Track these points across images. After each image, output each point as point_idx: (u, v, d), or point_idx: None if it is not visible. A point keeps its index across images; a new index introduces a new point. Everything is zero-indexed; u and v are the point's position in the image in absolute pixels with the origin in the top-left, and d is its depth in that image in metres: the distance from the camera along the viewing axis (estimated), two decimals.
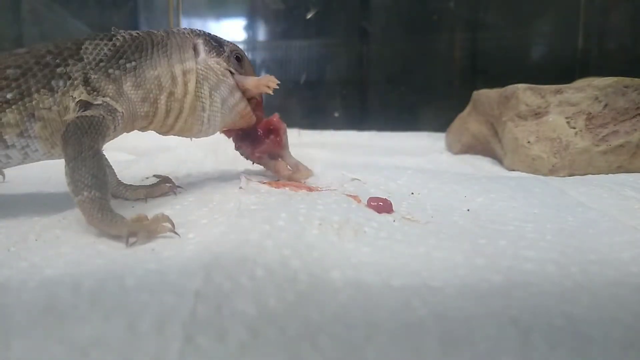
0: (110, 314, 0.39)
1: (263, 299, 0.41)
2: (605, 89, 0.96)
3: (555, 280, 0.46)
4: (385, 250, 0.52)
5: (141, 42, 0.69)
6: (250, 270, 0.45)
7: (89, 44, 0.65)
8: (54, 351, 0.35)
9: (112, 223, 0.55)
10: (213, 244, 0.50)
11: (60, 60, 0.63)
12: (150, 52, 0.69)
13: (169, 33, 0.72)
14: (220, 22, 1.93)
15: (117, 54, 0.66)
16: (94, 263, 0.49)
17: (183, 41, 0.72)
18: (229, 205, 0.66)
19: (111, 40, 0.67)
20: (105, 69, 0.65)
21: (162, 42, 0.70)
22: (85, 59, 0.64)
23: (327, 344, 0.36)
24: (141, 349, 0.35)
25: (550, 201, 0.72)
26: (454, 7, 1.74)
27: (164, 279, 0.43)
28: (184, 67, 0.70)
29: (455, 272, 0.47)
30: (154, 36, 0.71)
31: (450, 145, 1.35)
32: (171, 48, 0.70)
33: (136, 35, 0.70)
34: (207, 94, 0.71)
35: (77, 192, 0.56)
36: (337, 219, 0.59)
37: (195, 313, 0.39)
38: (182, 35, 0.73)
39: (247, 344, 0.36)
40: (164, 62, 0.69)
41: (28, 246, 0.55)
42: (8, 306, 0.40)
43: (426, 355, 0.35)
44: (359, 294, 0.43)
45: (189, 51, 0.72)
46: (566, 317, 0.39)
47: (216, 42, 0.75)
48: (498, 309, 0.40)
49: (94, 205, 0.55)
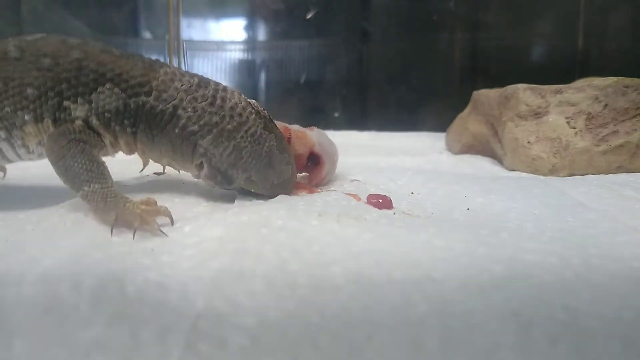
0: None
1: (263, 312, 0.40)
2: (606, 89, 0.96)
3: (556, 271, 0.45)
4: (386, 237, 0.52)
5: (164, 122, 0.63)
6: (250, 285, 0.44)
7: (107, 89, 0.61)
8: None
9: (118, 208, 0.55)
10: (211, 258, 0.49)
11: (72, 93, 0.61)
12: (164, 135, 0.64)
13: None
14: (220, 22, 1.93)
15: (126, 113, 0.63)
16: (91, 258, 0.49)
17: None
18: (229, 204, 0.66)
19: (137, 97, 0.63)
20: (107, 120, 0.63)
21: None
22: (94, 102, 0.61)
23: (327, 345, 0.36)
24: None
25: (550, 201, 0.72)
26: (454, 7, 1.74)
27: (164, 297, 0.43)
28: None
29: (456, 262, 0.47)
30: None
31: (450, 145, 1.34)
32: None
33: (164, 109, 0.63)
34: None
35: (77, 189, 0.56)
36: (337, 212, 0.59)
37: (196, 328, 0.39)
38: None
39: (248, 349, 0.36)
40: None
41: (25, 236, 0.55)
42: (6, 300, 0.41)
43: (427, 352, 0.35)
44: (359, 290, 0.42)
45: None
46: (567, 310, 0.39)
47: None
48: (499, 302, 0.40)
49: (96, 197, 0.56)
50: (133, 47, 1.83)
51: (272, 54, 1.86)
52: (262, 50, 1.88)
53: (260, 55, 1.88)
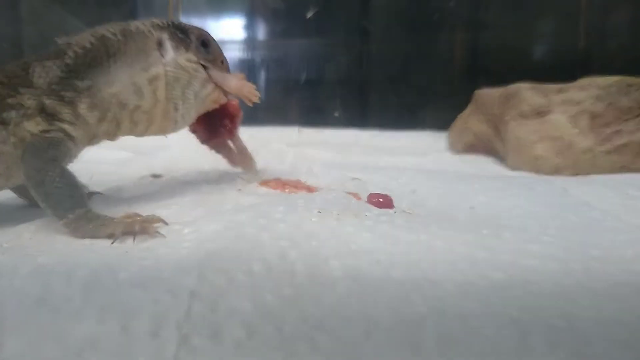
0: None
1: (260, 294, 0.40)
2: (609, 88, 0.96)
3: (556, 278, 0.45)
4: (386, 237, 0.51)
5: (95, 55, 0.61)
6: (247, 265, 0.44)
7: (38, 66, 0.59)
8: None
9: (104, 227, 0.53)
10: (208, 241, 0.49)
11: (10, 90, 0.58)
12: (107, 64, 0.61)
13: (127, 35, 0.63)
14: (219, 21, 1.93)
15: (70, 73, 0.59)
16: (87, 256, 0.48)
17: (144, 43, 0.63)
18: (227, 207, 0.65)
19: (61, 59, 0.60)
20: (57, 92, 0.59)
21: (119, 49, 0.62)
22: (35, 84, 0.58)
23: (324, 341, 0.36)
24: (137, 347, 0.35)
25: (553, 200, 0.71)
26: (455, 7, 1.74)
27: (159, 275, 0.43)
28: (150, 75, 0.62)
29: (456, 266, 0.46)
30: (109, 43, 0.62)
31: (452, 144, 1.34)
32: (131, 55, 0.62)
33: (89, 46, 0.61)
34: (180, 94, 0.64)
35: (60, 217, 0.54)
36: (337, 210, 0.58)
37: (190, 312, 0.38)
38: (142, 34, 0.63)
39: (243, 343, 0.35)
40: (124, 74, 0.61)
41: (22, 243, 0.54)
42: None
43: (424, 353, 0.35)
44: (357, 286, 0.42)
45: (153, 53, 0.63)
46: (566, 317, 0.38)
47: (182, 32, 0.66)
48: (498, 306, 0.40)
49: (81, 222, 0.54)
50: None
51: (272, 53, 1.86)
52: (262, 50, 1.88)
53: (260, 54, 1.88)
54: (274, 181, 0.79)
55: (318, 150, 1.22)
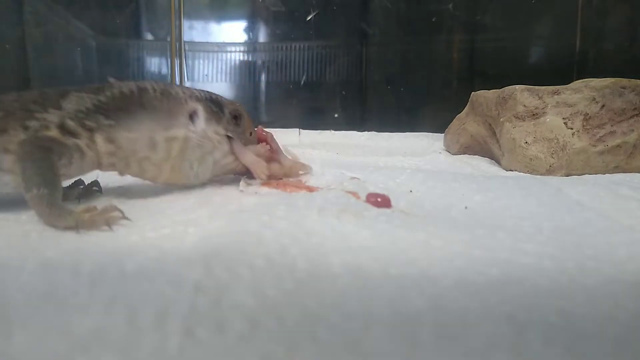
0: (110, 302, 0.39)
1: (262, 289, 0.41)
2: (603, 90, 0.97)
3: (551, 276, 0.46)
4: (384, 235, 0.53)
5: (128, 103, 0.66)
6: (250, 260, 0.45)
7: (74, 96, 0.64)
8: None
9: (60, 216, 0.56)
10: (213, 237, 0.51)
11: (40, 107, 0.62)
12: (134, 112, 0.66)
13: (165, 94, 0.68)
14: (221, 24, 1.94)
15: (99, 109, 0.64)
16: (94, 250, 0.50)
17: (177, 107, 0.68)
18: (230, 207, 0.66)
19: (97, 94, 0.65)
20: (80, 119, 0.63)
21: (151, 104, 0.67)
22: (64, 108, 0.63)
23: (324, 334, 0.37)
24: (142, 339, 0.36)
25: (547, 200, 0.72)
26: (453, 9, 1.75)
27: (164, 268, 0.44)
28: (169, 134, 0.67)
29: (453, 263, 0.48)
30: (147, 96, 0.67)
31: (448, 145, 1.35)
32: (160, 113, 0.67)
33: (128, 93, 0.66)
34: (198, 157, 0.70)
35: (27, 190, 0.57)
36: (336, 209, 0.60)
37: (194, 305, 0.39)
38: (178, 99, 0.69)
39: (246, 336, 0.36)
40: (146, 126, 0.66)
41: (28, 241, 0.55)
42: (7, 287, 0.42)
43: (421, 348, 0.36)
44: (356, 281, 0.43)
45: (179, 118, 0.68)
46: (561, 314, 0.39)
47: (216, 105, 0.72)
48: (494, 304, 0.41)
49: (42, 202, 0.56)
50: (135, 49, 1.84)
51: (272, 56, 1.87)
52: (262, 52, 1.89)
53: (260, 56, 1.89)
54: (275, 181, 0.81)
55: (318, 150, 1.23)
